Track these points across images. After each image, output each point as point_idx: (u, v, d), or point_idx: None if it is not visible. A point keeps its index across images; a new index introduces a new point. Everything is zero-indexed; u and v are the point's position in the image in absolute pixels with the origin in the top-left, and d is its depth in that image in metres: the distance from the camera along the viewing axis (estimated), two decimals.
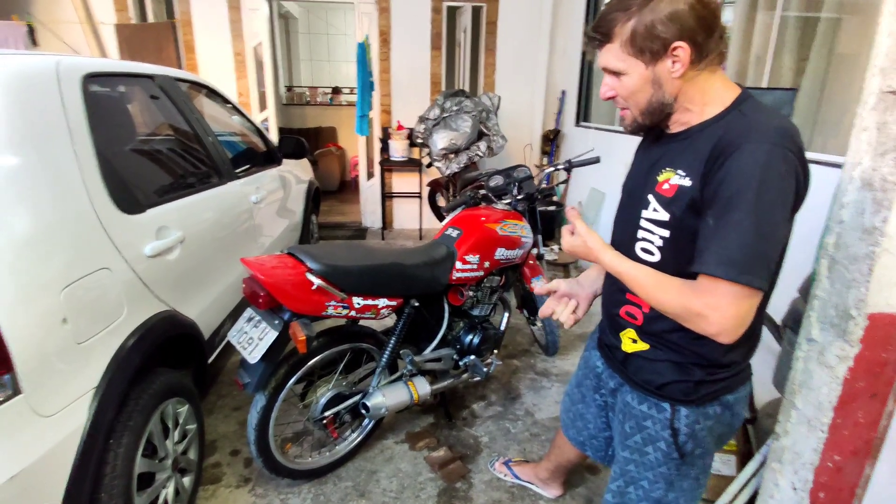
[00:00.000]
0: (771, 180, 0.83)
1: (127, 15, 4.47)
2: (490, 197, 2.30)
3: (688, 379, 1.02)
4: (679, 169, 0.94)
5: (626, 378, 1.13)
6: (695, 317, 0.88)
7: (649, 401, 1.07)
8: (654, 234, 0.97)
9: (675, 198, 0.93)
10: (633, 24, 0.88)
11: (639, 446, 1.10)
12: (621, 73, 0.94)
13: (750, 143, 0.84)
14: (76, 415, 1.18)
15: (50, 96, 1.33)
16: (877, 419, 1.18)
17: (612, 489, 1.18)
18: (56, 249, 1.20)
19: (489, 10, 4.84)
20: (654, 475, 1.09)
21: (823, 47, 2.16)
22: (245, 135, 2.94)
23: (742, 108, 0.91)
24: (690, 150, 0.93)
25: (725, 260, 0.83)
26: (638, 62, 0.91)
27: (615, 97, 0.98)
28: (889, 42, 1.01)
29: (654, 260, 0.99)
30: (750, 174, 0.83)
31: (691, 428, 1.04)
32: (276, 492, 1.84)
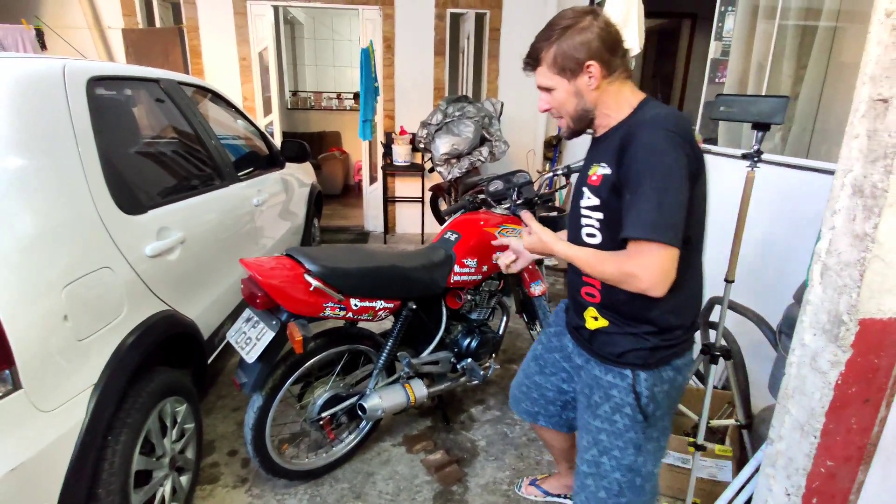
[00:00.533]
0: (662, 155, 1.03)
1: (134, 20, 4.53)
2: (489, 202, 2.32)
3: (644, 346, 1.16)
4: (602, 162, 1.13)
5: (592, 353, 1.25)
6: (629, 277, 1.04)
7: (613, 370, 1.19)
8: (592, 219, 1.16)
9: (600, 185, 1.12)
10: (554, 50, 1.12)
11: (608, 415, 1.21)
12: (551, 89, 1.16)
13: (642, 131, 1.06)
14: (75, 411, 1.20)
15: (56, 99, 1.36)
16: (869, 425, 1.19)
17: (587, 459, 1.26)
18: (59, 248, 1.22)
19: (492, 17, 4.88)
20: (623, 442, 1.20)
21: (822, 56, 2.18)
22: (248, 138, 2.97)
23: (643, 108, 1.13)
24: (608, 146, 1.13)
25: (640, 223, 1.02)
26: (562, 79, 1.14)
27: (550, 109, 1.20)
28: (879, 51, 1.02)
29: (597, 241, 1.17)
30: (646, 153, 1.03)
31: (651, 391, 1.17)
32: (272, 492, 1.85)
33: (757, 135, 1.49)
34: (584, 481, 1.27)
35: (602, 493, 1.24)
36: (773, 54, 2.26)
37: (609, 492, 1.23)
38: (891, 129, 1.01)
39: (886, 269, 1.06)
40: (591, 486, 1.26)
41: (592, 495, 1.25)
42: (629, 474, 1.22)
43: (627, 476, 1.22)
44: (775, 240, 2.02)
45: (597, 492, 1.25)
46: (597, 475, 1.24)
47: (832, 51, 2.16)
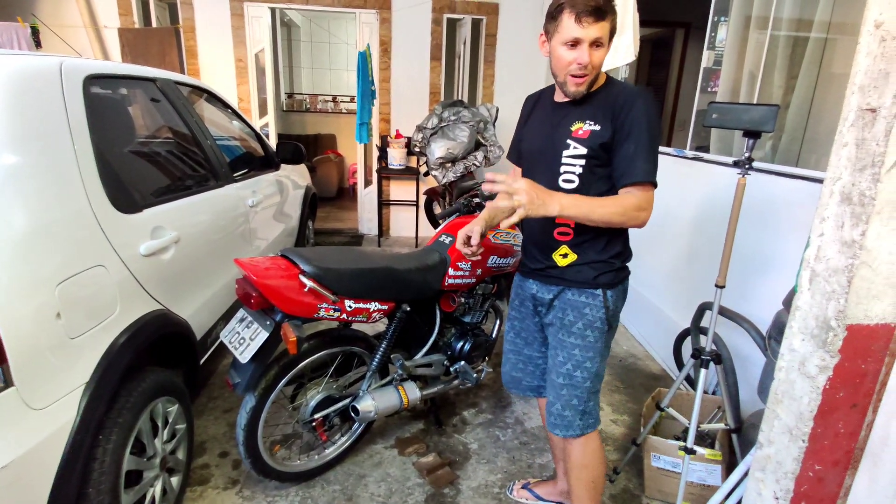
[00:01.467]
0: (656, 118, 1.31)
1: (131, 19, 4.52)
2: (484, 205, 2.33)
3: (610, 269, 1.41)
4: (587, 120, 1.33)
5: (566, 283, 1.44)
6: (637, 212, 1.27)
7: (587, 292, 1.41)
8: (575, 166, 1.35)
9: (588, 138, 1.33)
10: (614, 15, 1.26)
11: (580, 331, 1.43)
12: (603, 44, 1.26)
13: (640, 99, 1.29)
14: (66, 409, 1.19)
15: (52, 96, 1.36)
16: (857, 430, 1.20)
17: (563, 372, 1.46)
18: (53, 246, 1.22)
19: (489, 23, 4.92)
20: (593, 353, 1.44)
21: (812, 66, 2.21)
22: (244, 139, 2.97)
23: (613, 82, 1.37)
24: (593, 108, 1.34)
25: (645, 171, 1.27)
26: (608, 40, 1.28)
27: (587, 65, 1.27)
28: (868, 61, 1.05)
29: (574, 186, 1.36)
30: (647, 117, 1.28)
31: (615, 304, 1.43)
32: (263, 494, 1.85)
33: (748, 142, 1.51)
34: (559, 392, 1.48)
35: (574, 401, 1.47)
36: (764, 64, 2.29)
37: (580, 399, 1.47)
38: (879, 138, 1.03)
39: (873, 275, 1.08)
40: (565, 395, 1.47)
41: (567, 403, 1.48)
42: (595, 380, 1.47)
43: (594, 382, 1.47)
44: (765, 246, 2.05)
45: (570, 399, 1.47)
46: (570, 385, 1.46)
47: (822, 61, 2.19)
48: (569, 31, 1.24)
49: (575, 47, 1.26)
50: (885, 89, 1.01)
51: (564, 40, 1.26)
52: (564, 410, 1.48)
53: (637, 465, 2.02)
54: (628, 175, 1.28)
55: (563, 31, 1.25)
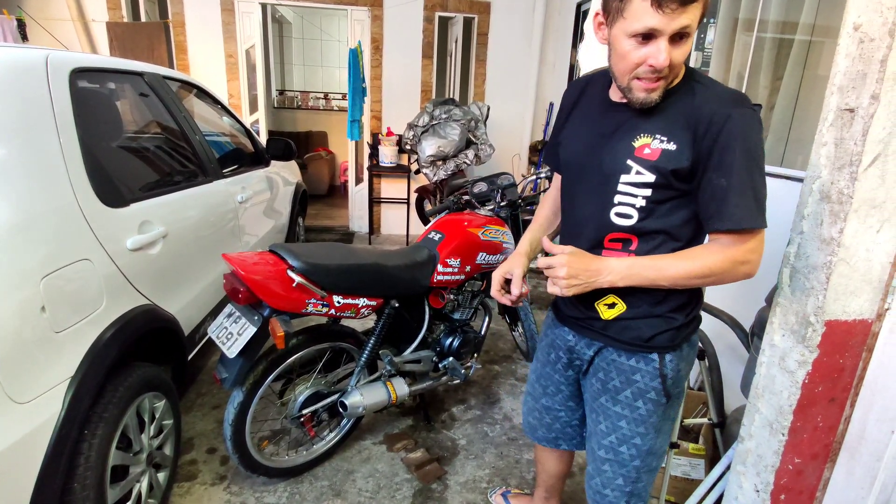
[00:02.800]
0: (759, 140, 0.98)
1: (119, 13, 4.47)
2: (474, 203, 2.34)
3: (671, 327, 1.11)
4: (657, 134, 1.00)
5: (610, 341, 1.15)
6: (739, 265, 1.00)
7: (637, 355, 1.13)
8: (636, 197, 1.03)
9: (659, 160, 1.00)
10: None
11: (629, 401, 1.15)
12: (689, 35, 0.92)
13: (737, 110, 0.95)
14: (51, 403, 1.19)
15: (38, 89, 1.35)
16: (835, 423, 1.23)
17: (605, 444, 1.20)
18: (38, 239, 1.21)
19: (480, 22, 4.93)
20: (644, 428, 1.16)
21: (797, 68, 2.25)
22: (234, 135, 2.96)
23: (696, 79, 1.01)
24: (664, 117, 1.00)
25: (750, 212, 0.96)
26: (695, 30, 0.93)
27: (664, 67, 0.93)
28: (846, 63, 1.07)
29: (631, 223, 1.06)
30: (746, 135, 0.95)
31: (675, 371, 1.13)
32: (251, 490, 1.84)
33: None
34: (600, 466, 1.22)
35: (620, 481, 1.21)
36: (750, 65, 2.33)
37: (627, 479, 1.20)
38: (856, 138, 1.05)
39: (851, 272, 1.10)
40: (608, 473, 1.22)
41: (610, 481, 1.22)
42: (648, 458, 1.19)
43: (646, 461, 1.19)
44: None
45: (614, 479, 1.21)
46: (615, 462, 1.20)
47: (807, 63, 2.23)
48: (641, 17, 0.88)
49: (648, 41, 0.91)
50: (862, 90, 1.03)
51: (634, 30, 0.90)
52: (605, 489, 1.22)
53: None
54: (720, 218, 0.97)
55: (632, 15, 0.89)
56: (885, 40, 0.99)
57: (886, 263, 1.09)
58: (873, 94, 1.01)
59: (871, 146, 1.03)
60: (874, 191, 1.05)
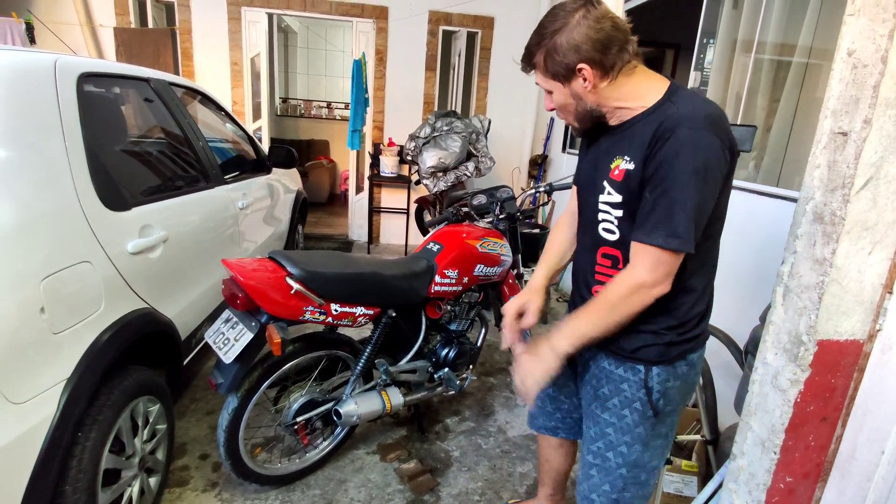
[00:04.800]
0: (701, 157, 0.97)
1: (127, 19, 4.52)
2: (472, 215, 2.36)
3: (660, 342, 1.13)
4: (625, 155, 1.07)
5: (601, 347, 1.19)
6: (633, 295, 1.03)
7: (625, 364, 1.17)
8: (611, 215, 1.11)
9: (623, 181, 1.07)
10: (544, 55, 1.06)
11: (616, 409, 1.19)
12: (551, 91, 1.11)
13: (682, 129, 0.98)
14: (46, 405, 1.19)
15: (46, 92, 1.37)
16: (826, 443, 1.24)
17: (593, 450, 1.24)
18: (39, 240, 1.22)
19: (484, 37, 4.99)
20: (630, 437, 1.19)
21: (794, 90, 2.28)
22: (236, 142, 2.98)
23: (673, 99, 1.05)
24: (631, 138, 1.07)
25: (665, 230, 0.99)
26: (556, 83, 1.08)
27: (554, 109, 1.14)
28: (840, 87, 1.09)
29: (615, 238, 1.13)
30: (684, 153, 0.97)
31: (663, 386, 1.15)
32: (242, 497, 1.84)
33: None
34: (588, 472, 1.27)
35: (606, 487, 1.24)
36: (748, 86, 2.36)
37: (613, 487, 1.23)
38: (849, 161, 1.07)
39: (843, 292, 1.11)
40: (595, 478, 1.25)
41: (596, 487, 1.25)
42: (634, 470, 1.21)
43: (633, 472, 1.21)
44: (745, 263, 2.10)
45: (601, 484, 1.24)
46: (602, 468, 1.24)
47: (804, 85, 2.26)
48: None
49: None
50: (855, 114, 1.05)
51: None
52: (592, 494, 1.27)
53: None
54: (636, 229, 1.03)
55: None
56: (877, 66, 1.02)
57: (878, 285, 1.11)
58: (866, 118, 1.03)
59: (863, 169, 1.05)
60: (866, 213, 1.07)
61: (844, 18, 1.07)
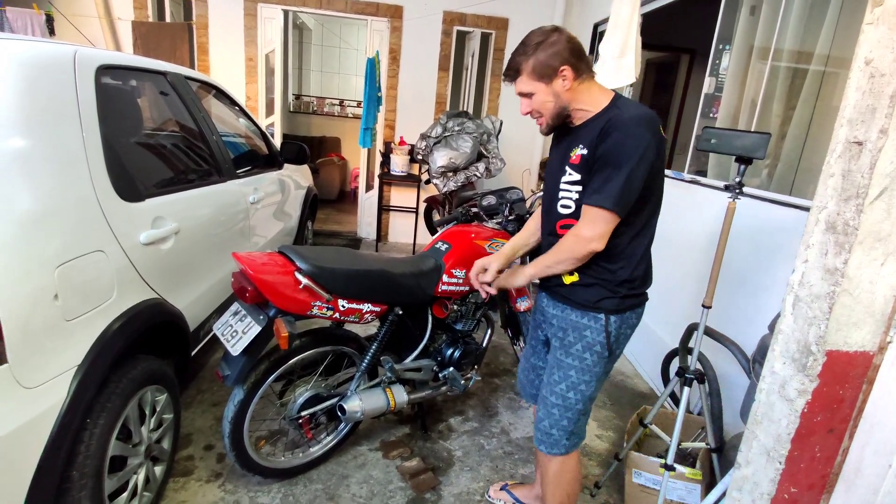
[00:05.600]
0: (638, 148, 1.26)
1: (145, 13, 4.57)
2: (482, 215, 2.36)
3: (615, 296, 1.40)
4: (581, 145, 1.35)
5: (570, 302, 1.46)
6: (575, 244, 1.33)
7: (589, 314, 1.42)
8: (571, 192, 1.38)
9: (580, 164, 1.35)
10: (532, 61, 1.32)
11: (579, 353, 1.44)
12: (531, 94, 1.35)
13: (626, 125, 1.27)
14: (57, 390, 1.21)
15: (64, 83, 1.39)
16: (833, 454, 1.23)
17: (556, 391, 1.48)
18: (55, 228, 1.24)
19: (497, 38, 4.99)
20: (589, 376, 1.45)
21: (810, 98, 2.26)
22: (249, 137, 3.01)
23: (618, 105, 1.34)
24: (587, 133, 1.35)
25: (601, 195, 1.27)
26: (540, 84, 1.33)
27: (531, 112, 1.39)
28: (857, 96, 1.08)
29: (570, 211, 1.40)
30: (625, 145, 1.26)
31: (617, 331, 1.43)
32: (245, 489, 1.85)
33: (739, 168, 1.55)
34: (550, 410, 1.50)
35: (564, 422, 1.49)
36: (764, 93, 2.34)
37: (570, 420, 1.49)
38: (864, 171, 1.06)
39: (854, 303, 1.10)
40: (555, 415, 1.50)
41: (557, 422, 1.50)
42: (588, 402, 1.49)
43: (586, 405, 1.49)
44: (756, 271, 2.08)
45: (560, 420, 1.49)
46: (562, 406, 1.48)
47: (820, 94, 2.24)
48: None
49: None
50: (871, 124, 1.04)
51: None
52: (552, 429, 1.50)
53: (618, 481, 2.03)
54: (583, 197, 1.33)
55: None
56: (895, 76, 1.01)
57: (890, 297, 1.09)
58: (882, 128, 1.02)
59: (878, 179, 1.04)
60: (880, 224, 1.06)
61: (862, 27, 1.06)
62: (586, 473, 2.11)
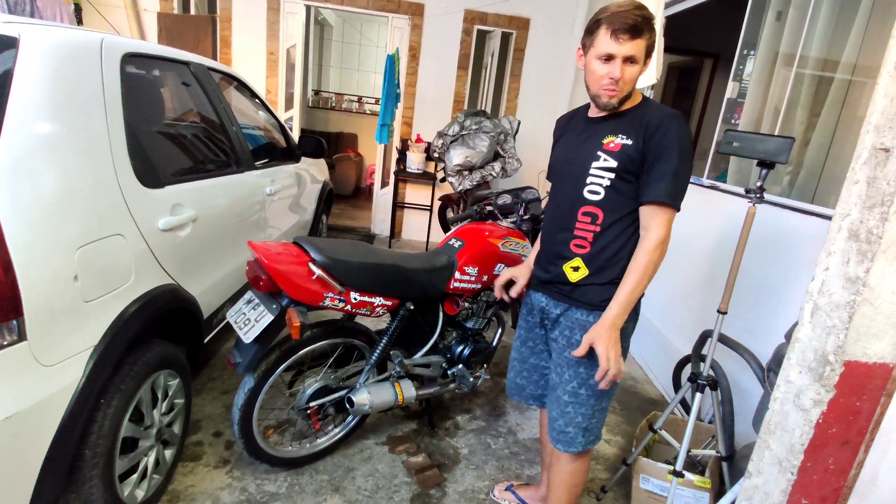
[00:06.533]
0: (689, 144, 1.31)
1: (171, 5, 4.64)
2: (496, 214, 2.36)
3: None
4: (621, 134, 1.34)
5: (574, 302, 1.45)
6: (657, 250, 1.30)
7: (595, 313, 1.41)
8: (603, 178, 1.36)
9: (620, 152, 1.34)
10: (651, 34, 1.28)
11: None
12: (636, 61, 1.29)
13: (675, 120, 1.30)
14: (73, 369, 1.23)
15: (91, 69, 1.42)
16: (847, 467, 1.20)
17: (569, 390, 1.47)
18: (78, 210, 1.27)
19: (518, 38, 4.97)
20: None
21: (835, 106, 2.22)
22: (268, 130, 3.03)
23: (650, 103, 1.39)
24: (628, 122, 1.35)
25: (670, 193, 1.28)
26: (643, 56, 1.30)
27: (619, 80, 1.29)
28: (885, 102, 1.06)
29: (599, 198, 1.37)
30: (680, 140, 1.29)
31: (624, 326, 1.39)
32: (252, 476, 1.87)
33: (761, 172, 1.53)
34: (564, 409, 1.48)
35: (579, 418, 1.48)
36: (788, 100, 2.30)
37: (584, 416, 1.48)
38: (889, 178, 1.04)
39: (875, 313, 1.08)
40: (570, 413, 1.48)
41: (571, 420, 1.48)
42: (601, 398, 1.48)
43: (599, 400, 1.47)
44: (774, 279, 2.05)
45: (575, 417, 1.48)
46: (576, 403, 1.47)
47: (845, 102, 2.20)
48: (603, 45, 1.27)
49: (608, 62, 1.28)
50: None
51: (599, 54, 1.29)
52: (567, 427, 1.49)
53: (625, 487, 2.01)
54: (650, 193, 1.30)
55: (598, 45, 1.28)
56: None
57: None
58: None
59: None
60: None
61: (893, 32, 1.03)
62: (593, 477, 2.09)
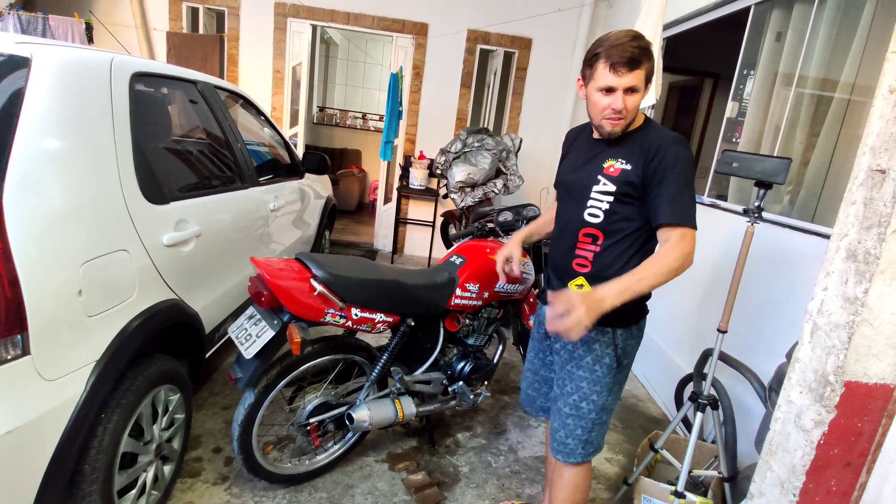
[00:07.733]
0: (691, 166, 1.33)
1: (180, 24, 4.74)
2: (497, 231, 2.37)
3: (622, 309, 1.32)
4: (621, 158, 1.37)
5: None
6: (686, 257, 1.27)
7: (597, 328, 1.42)
8: (602, 202, 1.39)
9: (618, 176, 1.36)
10: (651, 63, 1.30)
11: (589, 365, 1.46)
12: (637, 91, 1.31)
13: (675, 145, 1.32)
14: (75, 384, 1.24)
15: (100, 88, 1.45)
16: (849, 489, 1.19)
17: (570, 402, 1.50)
18: (83, 226, 1.29)
19: (520, 57, 5.04)
20: (600, 387, 1.47)
21: (834, 125, 2.24)
22: (273, 146, 3.07)
23: (651, 126, 1.40)
24: (628, 147, 1.38)
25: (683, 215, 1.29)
26: (643, 84, 1.32)
27: (622, 110, 1.32)
28: (880, 124, 1.08)
29: (598, 221, 1.40)
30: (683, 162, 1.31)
31: (625, 343, 1.45)
32: (251, 493, 1.86)
33: (759, 192, 1.54)
34: (565, 420, 1.51)
35: (579, 431, 1.50)
36: (787, 119, 2.32)
37: (584, 429, 1.50)
38: (886, 199, 1.05)
39: (874, 333, 1.08)
40: (570, 425, 1.50)
41: (571, 432, 1.51)
42: (601, 413, 1.50)
43: (600, 415, 1.50)
44: (774, 299, 2.05)
45: (575, 429, 1.50)
46: (576, 416, 1.49)
47: (844, 122, 2.22)
48: (603, 78, 1.29)
49: (610, 94, 1.30)
50: (895, 152, 1.03)
51: (599, 87, 1.31)
52: (567, 439, 1.51)
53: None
54: (667, 215, 1.29)
55: (598, 78, 1.30)
56: None
57: None
58: None
59: None
60: None
61: (888, 55, 1.05)
62: (594, 496, 2.07)
